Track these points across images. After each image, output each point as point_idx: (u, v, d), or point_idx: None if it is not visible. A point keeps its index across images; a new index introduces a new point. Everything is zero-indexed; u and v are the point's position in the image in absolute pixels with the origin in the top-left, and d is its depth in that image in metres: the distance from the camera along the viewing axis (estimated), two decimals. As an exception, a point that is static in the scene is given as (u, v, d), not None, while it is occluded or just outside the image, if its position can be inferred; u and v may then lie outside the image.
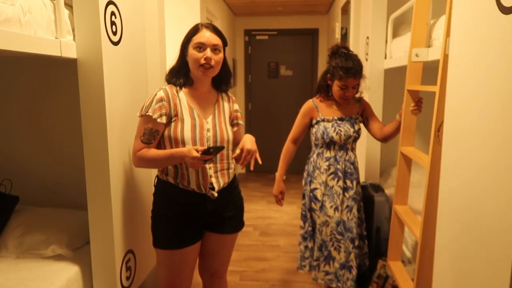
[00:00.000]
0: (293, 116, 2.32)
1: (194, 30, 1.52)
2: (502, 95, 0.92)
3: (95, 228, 1.62)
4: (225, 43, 1.56)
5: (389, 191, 2.52)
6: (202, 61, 1.47)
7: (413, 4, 1.85)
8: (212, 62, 1.49)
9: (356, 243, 2.03)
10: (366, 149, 2.79)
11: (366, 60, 2.82)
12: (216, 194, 1.55)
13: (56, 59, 1.46)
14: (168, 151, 1.48)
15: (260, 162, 1.55)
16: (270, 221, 3.76)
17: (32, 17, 1.26)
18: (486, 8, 1.00)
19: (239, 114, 1.71)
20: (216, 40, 1.50)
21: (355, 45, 3.16)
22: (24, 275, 1.54)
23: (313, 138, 2.16)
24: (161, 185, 1.59)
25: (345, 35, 3.67)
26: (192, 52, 1.49)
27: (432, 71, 1.75)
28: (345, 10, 3.62)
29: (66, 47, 1.43)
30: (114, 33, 1.60)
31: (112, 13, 1.57)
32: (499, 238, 0.93)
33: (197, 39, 1.49)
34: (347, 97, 2.03)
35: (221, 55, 1.53)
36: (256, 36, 5.45)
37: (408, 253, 2.10)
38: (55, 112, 2.07)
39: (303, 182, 2.19)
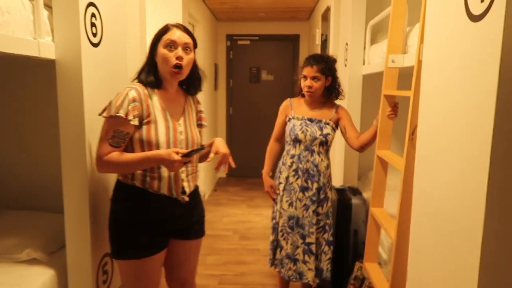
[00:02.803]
0: (274, 121, 2.38)
1: (165, 29, 1.47)
2: (471, 100, 0.97)
3: (71, 231, 1.59)
4: (195, 44, 1.53)
5: (367, 194, 2.57)
6: (174, 61, 1.42)
7: (390, 12, 1.92)
8: (184, 62, 1.44)
9: (307, 240, 2.12)
10: (345, 153, 2.84)
11: (345, 65, 2.88)
12: (187, 199, 1.52)
13: (35, 60, 1.44)
14: (142, 155, 1.39)
15: (233, 165, 1.56)
16: (250, 225, 3.77)
17: (11, 17, 1.25)
18: (456, 16, 1.05)
19: (203, 115, 1.68)
20: (187, 39, 1.47)
21: (335, 51, 3.22)
22: (-3, 279, 1.50)
23: (285, 138, 2.24)
24: (125, 190, 1.48)
25: (325, 41, 3.73)
26: (163, 51, 1.44)
27: (409, 77, 1.81)
28: (325, 17, 3.69)
29: (45, 47, 1.41)
30: (94, 35, 1.59)
31: (93, 15, 1.56)
32: (468, 240, 0.96)
33: (168, 36, 1.44)
34: (309, 89, 2.10)
35: (192, 55, 1.50)
36: (238, 41, 5.48)
37: (384, 255, 2.14)
38: (32, 114, 2.03)
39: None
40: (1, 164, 2.06)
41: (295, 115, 2.19)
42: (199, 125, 1.66)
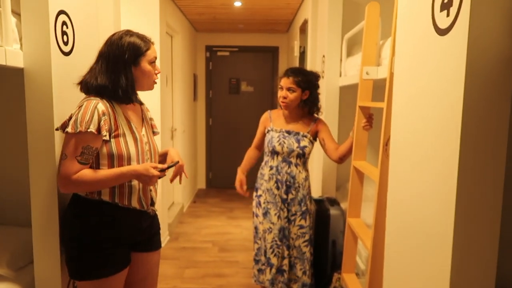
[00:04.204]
0: (253, 132, 2.38)
1: (148, 46, 1.49)
2: (440, 111, 0.99)
3: (40, 246, 1.52)
4: None
5: (345, 205, 2.58)
6: (155, 77, 1.50)
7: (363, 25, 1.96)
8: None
9: (293, 252, 2.15)
10: (323, 164, 2.86)
11: (323, 77, 2.92)
12: (156, 210, 1.51)
13: (2, 69, 1.39)
14: (116, 171, 1.34)
15: (186, 176, 1.57)
16: (230, 237, 3.73)
17: (-26, 23, 1.20)
18: (424, 30, 1.08)
19: (154, 122, 1.67)
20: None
21: (313, 63, 3.27)
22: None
23: (264, 149, 2.26)
24: (89, 206, 1.40)
25: (303, 53, 3.78)
26: (148, 67, 1.47)
27: (384, 89, 1.85)
28: (303, 29, 3.75)
29: (12, 55, 1.36)
30: (65, 43, 1.55)
31: (64, 23, 1.53)
32: (439, 246, 0.97)
33: (152, 53, 1.48)
34: (284, 100, 2.13)
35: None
36: (217, 52, 5.49)
37: (362, 266, 2.15)
38: (1, 120, 1.95)
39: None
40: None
41: (273, 127, 2.20)
42: (153, 133, 1.63)
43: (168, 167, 1.38)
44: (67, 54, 1.57)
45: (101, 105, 1.36)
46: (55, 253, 1.52)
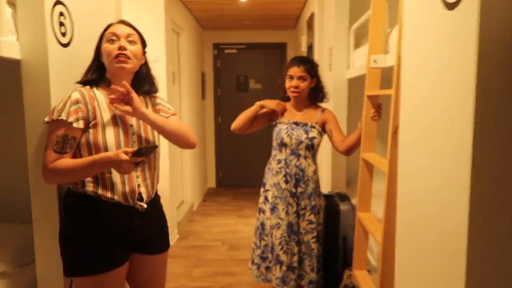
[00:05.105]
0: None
1: (107, 27, 1.42)
2: (451, 92, 0.92)
3: (40, 243, 1.49)
4: (143, 40, 1.46)
5: (355, 200, 2.51)
6: (116, 52, 1.34)
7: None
8: (128, 52, 1.36)
9: (303, 248, 2.07)
10: (332, 158, 2.79)
11: (330, 70, 2.85)
12: (145, 206, 1.41)
13: (1, 61, 1.37)
14: (89, 159, 1.28)
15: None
16: (240, 235, 3.68)
17: (-34, 13, 1.18)
18: (432, 6, 1.01)
19: (162, 107, 1.55)
20: (130, 31, 1.41)
21: (320, 57, 3.20)
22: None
23: (272, 142, 2.18)
24: (75, 200, 1.37)
25: (310, 48, 3.71)
26: (105, 46, 1.37)
27: (391, 81, 1.77)
28: (311, 24, 3.68)
29: (7, 46, 1.34)
30: (63, 34, 1.52)
31: (61, 13, 1.50)
32: (454, 241, 0.90)
33: (109, 31, 1.39)
34: (295, 89, 2.08)
35: (138, 46, 1.42)
36: (224, 50, 5.45)
37: (374, 262, 2.07)
38: (0, 119, 1.94)
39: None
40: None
41: (281, 119, 2.14)
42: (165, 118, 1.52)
43: (139, 151, 1.25)
44: (65, 45, 1.54)
45: (76, 93, 1.33)
46: (57, 249, 1.49)
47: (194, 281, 2.76)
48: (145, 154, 1.28)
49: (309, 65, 2.10)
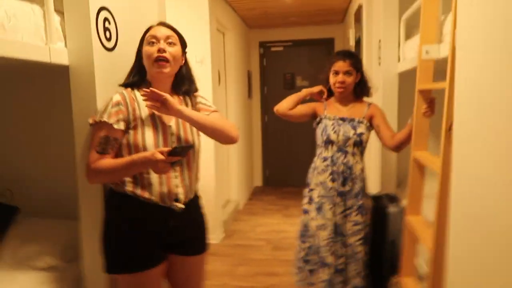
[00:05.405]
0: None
1: (147, 29, 1.45)
2: None
3: (86, 239, 1.56)
4: (183, 41, 1.47)
5: (406, 202, 2.36)
6: (155, 54, 1.36)
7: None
8: (167, 54, 1.37)
9: (349, 250, 1.98)
10: (381, 157, 2.64)
11: (379, 64, 2.70)
12: (182, 206, 1.41)
13: (51, 67, 1.44)
14: (128, 159, 1.32)
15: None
16: (285, 235, 3.63)
17: (18, 22, 1.25)
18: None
19: (203, 105, 1.54)
20: (169, 32, 1.42)
21: (368, 51, 3.05)
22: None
23: (316, 141, 2.10)
24: (116, 199, 1.41)
25: (358, 42, 3.56)
26: (145, 48, 1.40)
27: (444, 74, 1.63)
28: (358, 17, 3.53)
29: (56, 53, 1.41)
30: (108, 39, 1.57)
31: (106, 19, 1.55)
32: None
33: (149, 33, 1.42)
34: (342, 85, 2.00)
35: (177, 48, 1.42)
36: (271, 48, 5.42)
37: (424, 268, 1.93)
38: (52, 121, 2.05)
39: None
40: (27, 172, 2.10)
41: (327, 114, 2.06)
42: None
43: (175, 149, 1.26)
44: (110, 50, 1.59)
45: (118, 96, 1.38)
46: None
47: (237, 280, 2.76)
48: (180, 153, 1.28)
49: (354, 59, 2.02)
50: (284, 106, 2.11)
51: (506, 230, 0.84)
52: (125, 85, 1.46)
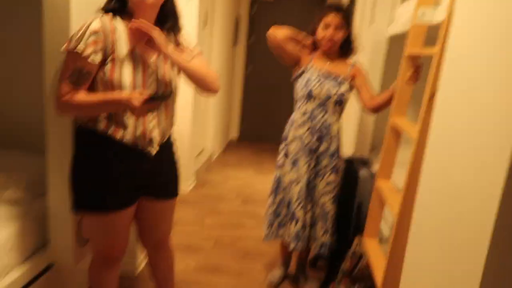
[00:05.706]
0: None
1: None
2: (505, 59, 0.76)
3: (53, 176, 1.49)
4: None
5: (377, 167, 2.39)
6: None
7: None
8: None
9: (318, 208, 2.00)
10: (359, 120, 2.64)
11: (370, 24, 2.61)
12: (155, 150, 1.37)
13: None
14: (101, 96, 1.23)
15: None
16: (256, 190, 3.67)
17: None
18: None
19: (186, 46, 1.45)
20: None
21: (361, 8, 2.93)
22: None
23: (295, 96, 2.04)
24: (87, 136, 1.33)
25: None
26: None
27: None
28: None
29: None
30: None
31: None
32: (479, 220, 0.80)
33: None
34: (331, 39, 1.91)
35: None
36: (261, -4, 5.16)
37: (386, 232, 1.99)
38: (21, 46, 1.90)
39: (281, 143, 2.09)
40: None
41: (313, 65, 1.97)
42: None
43: (153, 98, 1.20)
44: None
45: (97, 23, 1.24)
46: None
47: (204, 229, 2.80)
48: (157, 100, 1.23)
49: (347, 13, 1.93)
50: (283, 33, 1.98)
51: (471, 202, 0.84)
52: (105, 10, 1.31)
